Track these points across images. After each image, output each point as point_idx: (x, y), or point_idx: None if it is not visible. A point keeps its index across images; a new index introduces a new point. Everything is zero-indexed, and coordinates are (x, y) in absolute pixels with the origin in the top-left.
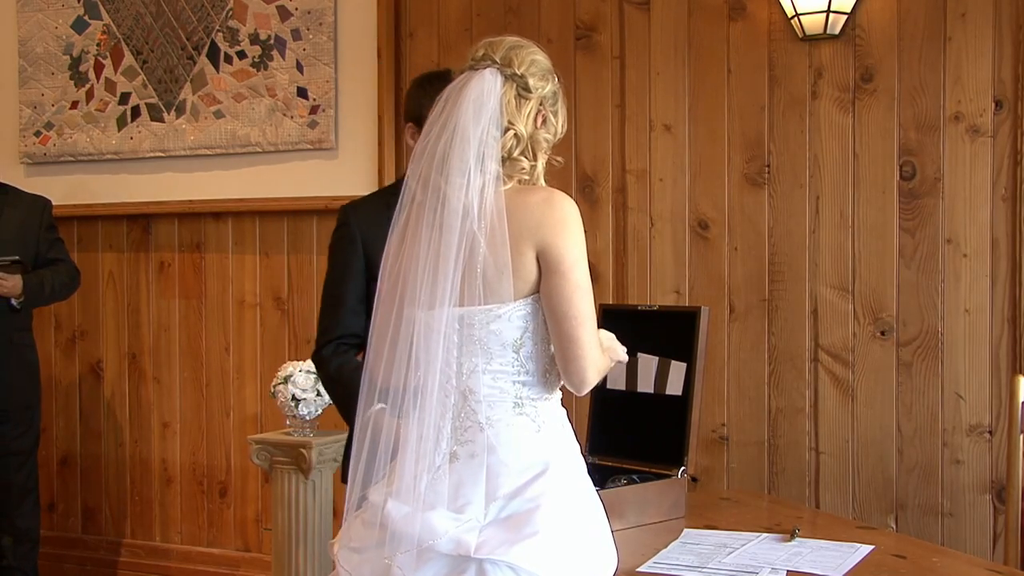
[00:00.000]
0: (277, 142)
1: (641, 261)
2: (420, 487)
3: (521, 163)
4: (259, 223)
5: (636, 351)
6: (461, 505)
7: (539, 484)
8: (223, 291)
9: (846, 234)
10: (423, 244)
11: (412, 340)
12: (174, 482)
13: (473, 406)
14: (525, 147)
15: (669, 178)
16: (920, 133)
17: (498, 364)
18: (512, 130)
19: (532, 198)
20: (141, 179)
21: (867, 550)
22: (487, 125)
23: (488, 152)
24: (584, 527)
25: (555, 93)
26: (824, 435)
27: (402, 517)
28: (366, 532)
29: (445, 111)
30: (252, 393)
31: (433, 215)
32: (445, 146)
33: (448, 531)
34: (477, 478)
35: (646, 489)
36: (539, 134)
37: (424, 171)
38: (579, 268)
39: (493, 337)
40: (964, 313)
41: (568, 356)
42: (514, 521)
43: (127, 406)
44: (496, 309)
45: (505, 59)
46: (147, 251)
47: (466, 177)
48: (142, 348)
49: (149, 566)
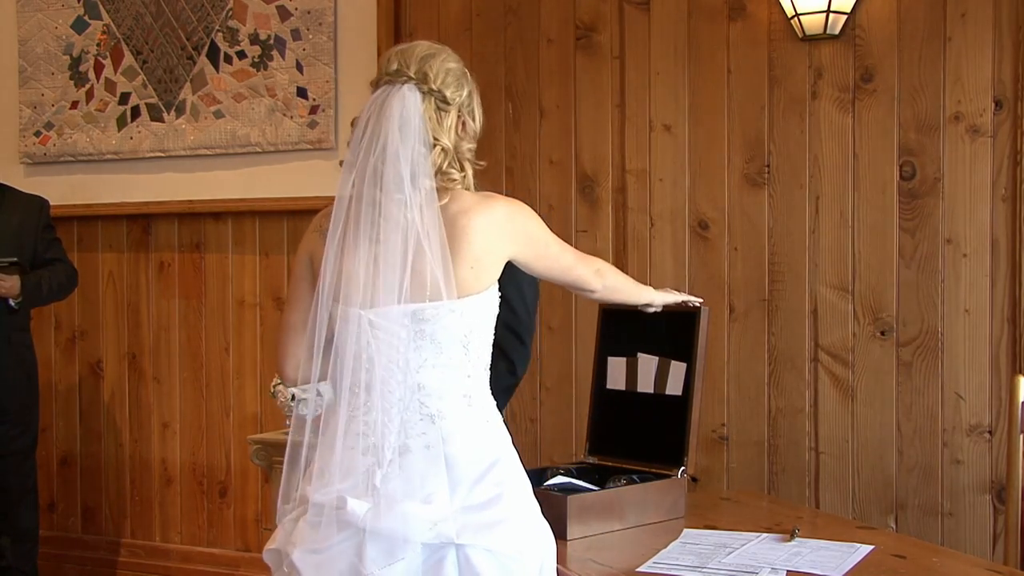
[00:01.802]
0: (277, 142)
1: (641, 261)
2: (375, 481)
3: (452, 175)
4: (259, 223)
5: (636, 351)
6: (428, 495)
7: (496, 473)
8: (223, 291)
9: (846, 234)
10: (363, 253)
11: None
12: (174, 482)
13: (423, 399)
14: (452, 159)
15: (669, 178)
16: (920, 133)
17: (448, 358)
18: (439, 145)
19: (493, 208)
20: (141, 179)
21: (867, 550)
22: (415, 143)
23: (420, 170)
24: (534, 511)
25: (470, 94)
26: (824, 435)
27: (368, 513)
28: (322, 533)
29: (370, 127)
30: (252, 393)
31: (373, 228)
32: (377, 163)
33: (424, 520)
34: (437, 469)
35: (646, 489)
36: (462, 145)
37: (358, 185)
38: (552, 242)
39: (445, 332)
40: (964, 313)
41: (576, 287)
42: (483, 507)
43: (127, 406)
44: (451, 304)
45: (420, 73)
46: (147, 251)
47: (404, 194)
48: (142, 348)
49: (149, 566)
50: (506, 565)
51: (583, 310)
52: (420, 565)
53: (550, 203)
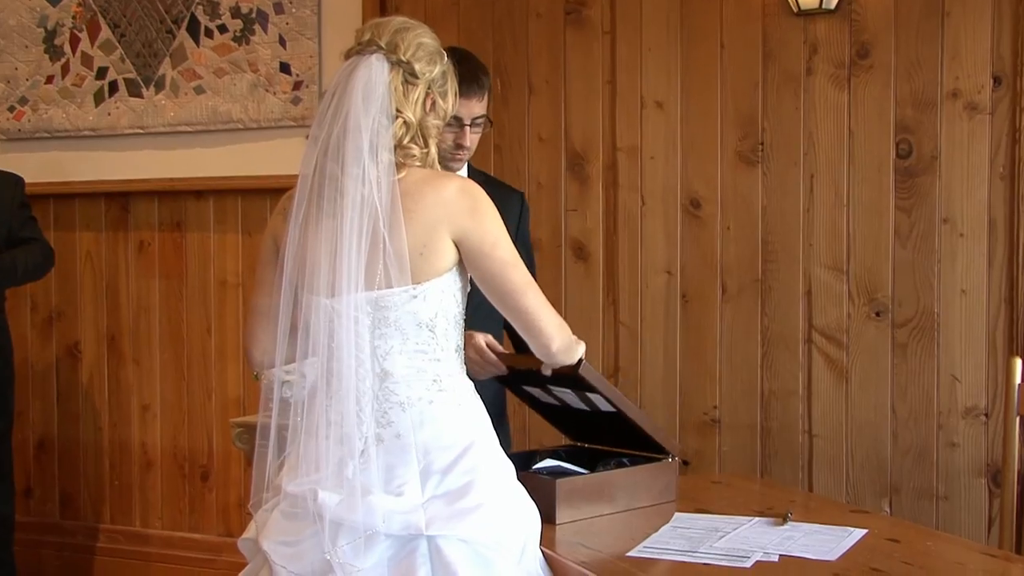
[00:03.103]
0: (259, 118)
1: (632, 240)
2: (347, 472)
3: (412, 150)
4: (241, 201)
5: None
6: (398, 486)
7: (470, 458)
8: (204, 271)
9: (841, 213)
10: (323, 232)
11: (321, 327)
12: (154, 466)
13: (391, 387)
14: (415, 134)
15: (660, 156)
16: (917, 110)
17: (413, 344)
18: (401, 118)
19: (444, 185)
20: (119, 156)
21: (860, 534)
22: (377, 114)
23: (380, 142)
24: (513, 493)
25: (444, 74)
26: (818, 418)
27: (339, 505)
28: (296, 524)
29: (336, 98)
30: (234, 375)
31: (332, 205)
32: (339, 136)
33: (394, 512)
34: (407, 458)
35: (636, 472)
36: (428, 120)
37: (320, 160)
38: (501, 245)
39: (409, 317)
40: (960, 294)
41: (526, 327)
42: (455, 495)
43: (106, 389)
44: (412, 289)
45: (391, 44)
46: (126, 230)
47: (361, 167)
48: (121, 329)
49: (129, 552)
50: (481, 554)
51: (573, 289)
52: (391, 558)
53: (539, 181)
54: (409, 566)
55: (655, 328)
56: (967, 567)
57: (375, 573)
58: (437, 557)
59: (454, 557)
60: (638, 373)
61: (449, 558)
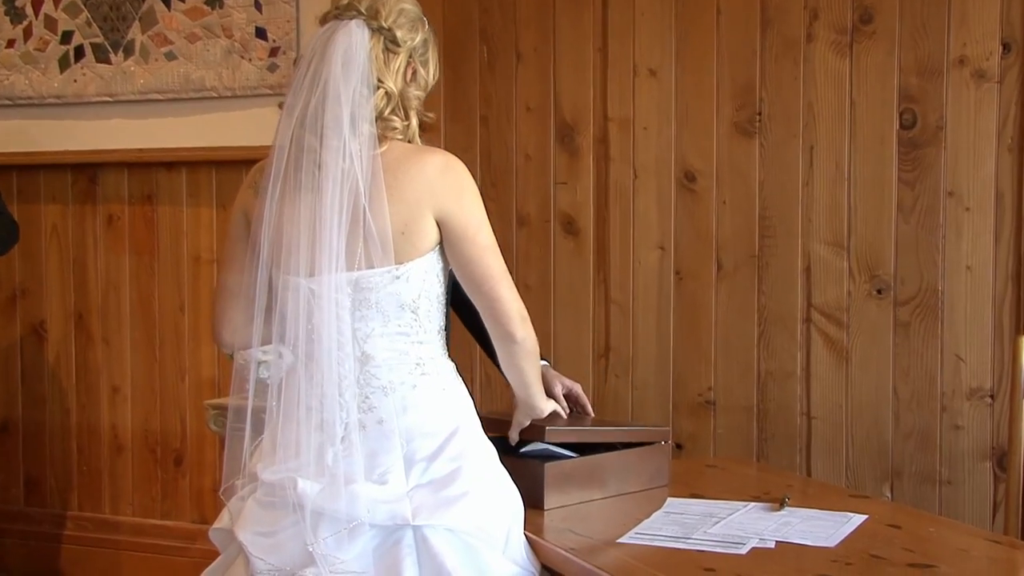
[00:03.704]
0: (234, 86)
1: (624, 215)
2: (326, 460)
3: (393, 122)
4: (216, 174)
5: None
6: (381, 474)
7: (455, 444)
8: (177, 246)
9: (841, 187)
10: (302, 208)
11: (299, 308)
12: (125, 450)
13: (373, 371)
14: (396, 105)
15: (654, 127)
16: (922, 79)
17: (395, 326)
18: (382, 87)
19: (427, 160)
20: (86, 125)
21: (860, 519)
22: (357, 84)
23: (360, 113)
24: (497, 479)
25: (425, 42)
26: (816, 399)
27: (320, 494)
28: (274, 514)
29: (313, 65)
30: (209, 355)
31: (310, 179)
32: (317, 106)
33: (378, 501)
34: (391, 444)
35: (627, 456)
36: (409, 91)
37: (296, 131)
38: (483, 230)
39: (391, 299)
40: (966, 270)
41: (495, 314)
42: (440, 483)
43: (73, 369)
44: (395, 270)
45: (371, 9)
46: (94, 203)
47: (341, 140)
48: (89, 307)
49: (97, 540)
50: (467, 542)
51: (562, 265)
52: (375, 548)
53: (527, 153)
54: (394, 557)
55: (647, 306)
56: (971, 554)
57: (359, 564)
58: (423, 547)
59: (441, 547)
60: (630, 353)
61: (436, 548)
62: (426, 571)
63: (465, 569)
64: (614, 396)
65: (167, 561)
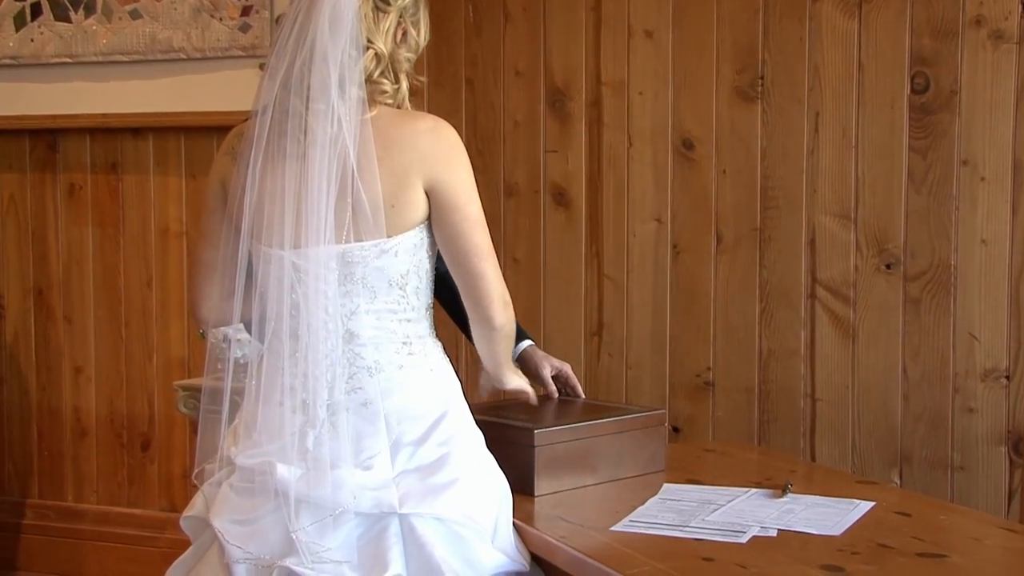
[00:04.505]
0: (204, 48)
1: (618, 185)
2: (307, 444)
3: (383, 86)
4: (184, 140)
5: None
6: (366, 459)
7: (444, 429)
8: (144, 218)
9: (849, 155)
10: (285, 177)
11: (282, 283)
12: (89, 434)
13: (358, 350)
14: (386, 68)
15: (650, 91)
16: (935, 40)
17: (382, 302)
18: (372, 49)
19: (418, 126)
20: (45, 88)
21: (867, 507)
22: (346, 45)
23: (349, 75)
24: (485, 466)
25: (415, 2)
26: (821, 380)
27: (301, 480)
28: (251, 500)
29: (298, 25)
30: (178, 333)
31: (295, 145)
32: (303, 67)
33: (364, 488)
34: (376, 428)
35: (621, 440)
36: (400, 53)
37: (280, 94)
38: (473, 202)
39: (378, 274)
40: (980, 244)
41: (477, 293)
42: (429, 470)
43: (33, 349)
44: (383, 244)
45: None
46: (54, 172)
47: (328, 103)
48: (50, 283)
49: (59, 529)
50: (456, 532)
51: (553, 239)
52: (359, 537)
53: (516, 119)
54: (380, 546)
55: (643, 282)
56: (984, 543)
57: (342, 553)
58: (410, 537)
59: (428, 537)
60: (624, 331)
61: (423, 538)
62: (413, 562)
63: (454, 560)
64: (607, 377)
65: (134, 551)
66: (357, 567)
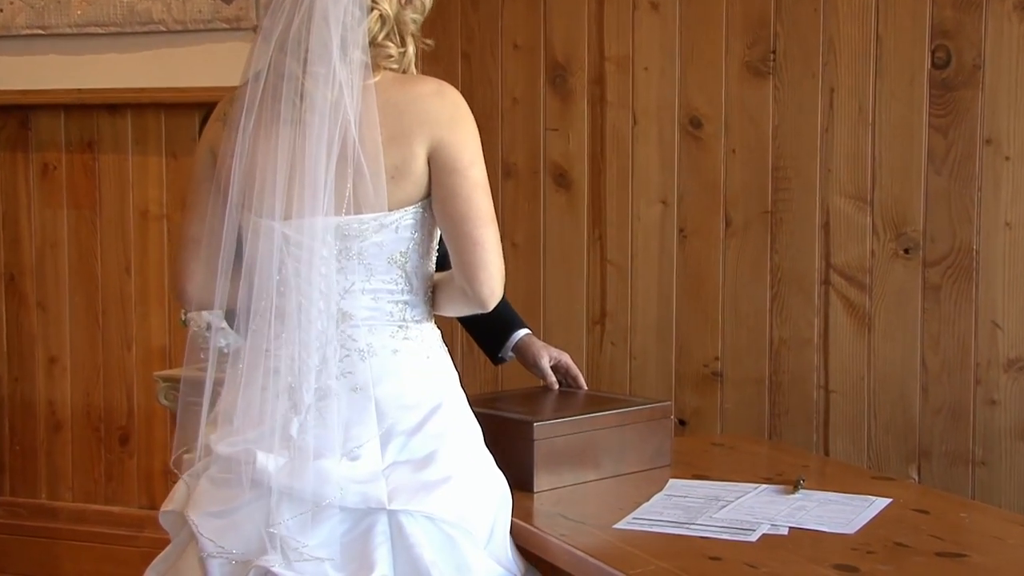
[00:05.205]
0: (185, 20)
1: (622, 165)
2: (291, 431)
3: (388, 49)
4: (165, 117)
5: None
6: (353, 448)
7: (438, 420)
8: (122, 199)
9: (865, 133)
10: (280, 143)
11: (271, 256)
12: (64, 428)
13: (351, 332)
14: (391, 30)
15: (655, 67)
16: (957, 11)
17: (379, 281)
18: (377, 10)
19: (420, 89)
20: (16, 61)
21: (884, 504)
22: (348, 4)
23: (351, 37)
24: (484, 460)
25: None
26: (835, 371)
27: (282, 470)
28: (229, 492)
29: None
30: (158, 322)
31: (291, 111)
32: (301, 27)
33: (350, 480)
34: (366, 415)
35: (625, 433)
36: (405, 14)
37: (275, 56)
38: (477, 165)
39: (377, 250)
40: (1004, 227)
41: (474, 262)
42: (420, 463)
43: (4, 337)
44: (383, 217)
45: None
46: (26, 150)
47: (330, 67)
48: (22, 268)
49: (33, 528)
50: (448, 534)
51: (554, 222)
52: (343, 534)
53: (514, 96)
54: (366, 545)
55: (648, 268)
56: (1007, 542)
57: (324, 552)
58: (399, 536)
59: (418, 537)
60: (628, 320)
61: (412, 539)
62: (400, 563)
63: (444, 564)
64: (610, 367)
65: (111, 551)
66: (341, 567)
